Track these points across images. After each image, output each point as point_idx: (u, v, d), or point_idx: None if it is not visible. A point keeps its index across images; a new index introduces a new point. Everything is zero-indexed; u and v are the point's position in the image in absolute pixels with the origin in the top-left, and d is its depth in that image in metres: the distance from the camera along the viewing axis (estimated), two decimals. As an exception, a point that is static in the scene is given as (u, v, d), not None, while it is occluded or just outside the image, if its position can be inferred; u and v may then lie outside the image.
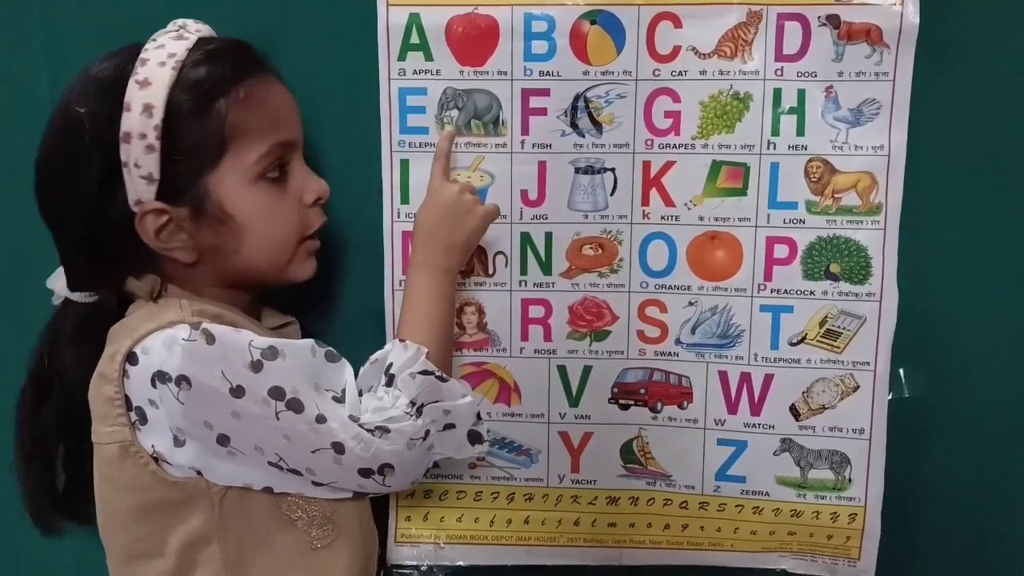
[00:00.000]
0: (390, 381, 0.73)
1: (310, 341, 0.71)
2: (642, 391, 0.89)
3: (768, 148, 0.84)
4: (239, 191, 0.72)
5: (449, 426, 0.74)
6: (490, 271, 0.87)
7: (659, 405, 0.89)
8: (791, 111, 0.83)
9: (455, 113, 0.84)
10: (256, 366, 0.67)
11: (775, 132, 0.84)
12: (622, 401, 0.89)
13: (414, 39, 0.84)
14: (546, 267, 0.87)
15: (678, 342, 0.88)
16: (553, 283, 0.87)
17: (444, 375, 0.74)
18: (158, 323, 0.69)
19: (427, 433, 0.72)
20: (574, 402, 0.89)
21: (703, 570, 0.91)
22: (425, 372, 0.73)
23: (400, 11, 0.83)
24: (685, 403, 0.88)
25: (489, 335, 0.88)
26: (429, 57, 0.84)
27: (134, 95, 0.68)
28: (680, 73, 0.83)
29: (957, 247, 0.86)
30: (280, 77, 0.77)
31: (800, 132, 0.83)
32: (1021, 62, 0.84)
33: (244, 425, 0.67)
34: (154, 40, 0.72)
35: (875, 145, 0.83)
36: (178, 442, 0.68)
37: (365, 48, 0.84)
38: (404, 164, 0.86)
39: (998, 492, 0.90)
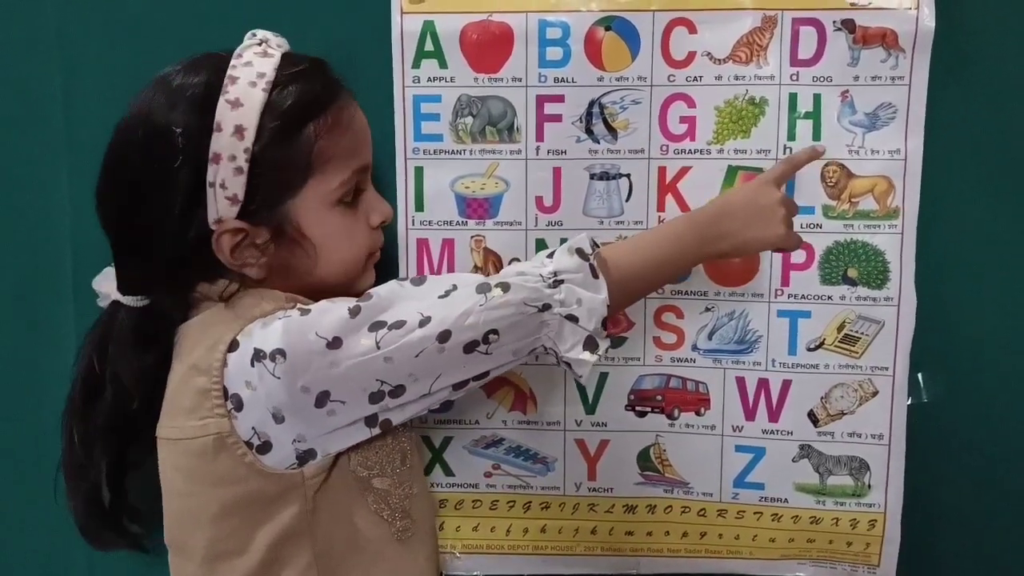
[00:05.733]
0: (552, 253, 0.73)
1: (393, 280, 0.72)
2: (659, 398, 0.88)
3: (784, 153, 0.84)
4: (318, 215, 0.72)
5: (572, 317, 0.70)
6: (505, 278, 0.87)
7: (676, 412, 0.88)
8: (807, 116, 0.83)
9: (470, 120, 0.84)
10: (354, 311, 0.67)
11: (791, 137, 0.84)
12: (639, 408, 0.88)
13: (428, 46, 0.84)
14: (561, 274, 0.86)
15: (695, 348, 0.87)
16: (569, 290, 0.86)
17: (600, 273, 0.71)
18: (261, 311, 0.69)
19: (546, 306, 0.69)
20: (590, 409, 0.88)
21: (721, 578, 0.91)
22: (583, 256, 0.71)
23: (414, 19, 0.83)
24: (702, 410, 0.88)
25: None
26: (443, 64, 0.84)
27: (225, 115, 0.68)
28: (695, 78, 0.83)
29: (975, 251, 0.86)
30: (354, 95, 0.76)
31: (816, 137, 0.83)
32: (1037, 65, 0.84)
33: (344, 371, 0.66)
34: (240, 56, 0.71)
35: (891, 149, 0.83)
36: (277, 419, 0.67)
37: (379, 55, 0.84)
38: (418, 171, 0.86)
39: (1019, 497, 0.89)
